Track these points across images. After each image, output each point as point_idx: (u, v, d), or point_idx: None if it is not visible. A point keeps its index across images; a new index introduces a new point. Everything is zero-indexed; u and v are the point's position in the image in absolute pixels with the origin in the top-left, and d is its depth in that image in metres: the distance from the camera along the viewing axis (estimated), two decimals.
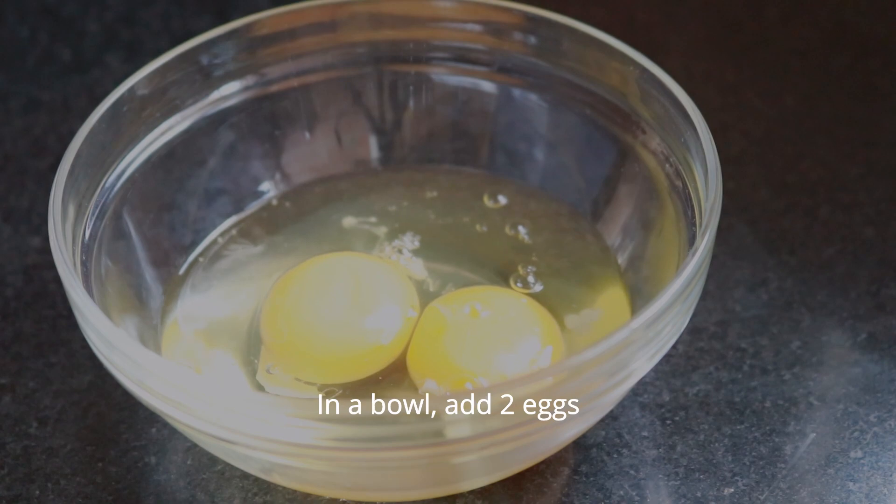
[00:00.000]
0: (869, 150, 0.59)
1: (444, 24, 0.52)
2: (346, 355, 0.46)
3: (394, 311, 0.47)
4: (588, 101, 0.51)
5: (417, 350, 0.46)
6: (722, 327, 0.51)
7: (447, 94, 0.54)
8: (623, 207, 0.51)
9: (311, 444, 0.38)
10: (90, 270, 0.45)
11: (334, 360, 0.46)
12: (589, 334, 0.48)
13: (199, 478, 0.46)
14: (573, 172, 0.53)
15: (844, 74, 0.64)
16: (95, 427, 0.48)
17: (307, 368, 0.46)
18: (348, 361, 0.46)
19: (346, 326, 0.46)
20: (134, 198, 0.49)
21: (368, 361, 0.46)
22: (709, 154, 0.43)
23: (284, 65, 0.52)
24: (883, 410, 0.48)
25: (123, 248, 0.48)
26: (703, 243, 0.40)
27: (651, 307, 0.38)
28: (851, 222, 0.56)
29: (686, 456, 0.46)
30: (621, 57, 0.48)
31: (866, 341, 0.50)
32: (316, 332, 0.46)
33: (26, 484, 0.46)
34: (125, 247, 0.48)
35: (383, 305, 0.47)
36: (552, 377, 0.37)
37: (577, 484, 0.45)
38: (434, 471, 0.41)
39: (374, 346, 0.46)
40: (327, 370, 0.46)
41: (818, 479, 0.45)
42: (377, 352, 0.46)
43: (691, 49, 0.67)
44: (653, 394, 0.48)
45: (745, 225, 0.55)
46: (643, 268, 0.49)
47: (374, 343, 0.46)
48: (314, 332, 0.46)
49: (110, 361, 0.40)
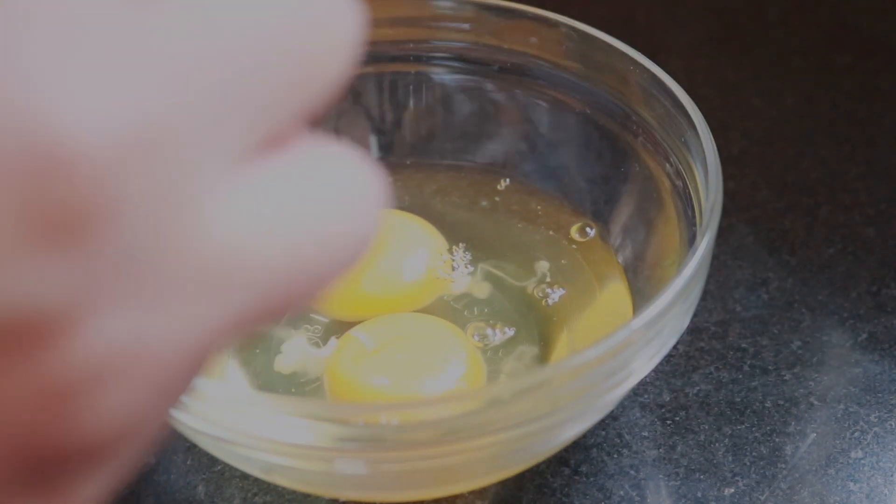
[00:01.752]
0: (869, 150, 0.59)
1: (444, 24, 0.52)
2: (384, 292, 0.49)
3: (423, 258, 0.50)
4: (588, 101, 0.51)
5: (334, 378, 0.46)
6: (722, 327, 0.51)
7: (447, 94, 0.54)
8: (623, 207, 0.50)
9: (311, 445, 0.37)
10: None
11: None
12: (589, 334, 0.47)
13: (199, 478, 0.46)
14: (573, 172, 0.53)
15: (844, 74, 0.64)
16: None
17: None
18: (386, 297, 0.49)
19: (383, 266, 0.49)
20: None
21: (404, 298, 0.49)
22: (709, 154, 0.43)
23: None
24: (883, 410, 0.48)
25: None
26: (704, 243, 0.40)
27: (651, 307, 0.38)
28: (852, 222, 0.56)
29: (686, 456, 0.46)
30: (621, 57, 0.48)
31: (867, 341, 0.50)
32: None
33: None
34: None
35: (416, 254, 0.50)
36: (552, 377, 0.37)
37: (577, 484, 0.45)
38: (434, 471, 0.40)
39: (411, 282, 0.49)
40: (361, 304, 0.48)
41: (819, 479, 0.45)
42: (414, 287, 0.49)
43: (691, 49, 0.67)
44: (653, 394, 0.48)
45: (746, 225, 0.55)
46: (643, 268, 0.49)
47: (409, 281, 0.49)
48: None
49: None
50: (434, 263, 0.50)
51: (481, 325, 0.48)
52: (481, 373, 0.46)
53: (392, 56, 0.53)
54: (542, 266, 0.50)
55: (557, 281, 0.50)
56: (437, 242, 0.51)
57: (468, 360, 0.45)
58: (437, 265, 0.50)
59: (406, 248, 0.50)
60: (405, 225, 0.51)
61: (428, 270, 0.49)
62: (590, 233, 0.51)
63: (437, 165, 0.55)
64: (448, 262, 0.50)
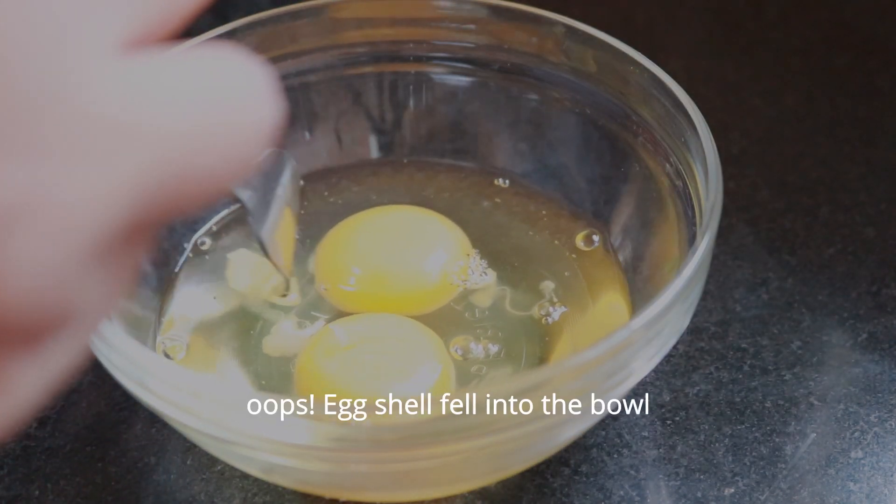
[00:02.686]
0: (869, 150, 0.59)
1: (444, 24, 0.52)
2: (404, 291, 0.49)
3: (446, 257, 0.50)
4: (588, 101, 0.51)
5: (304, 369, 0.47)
6: (722, 327, 0.51)
7: (447, 94, 0.54)
8: (623, 207, 0.50)
9: (311, 445, 0.37)
10: None
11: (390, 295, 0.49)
12: (589, 334, 0.47)
13: (198, 478, 0.46)
14: (573, 172, 0.53)
15: (844, 74, 0.64)
16: (95, 427, 0.48)
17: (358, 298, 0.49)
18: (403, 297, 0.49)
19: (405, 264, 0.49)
20: None
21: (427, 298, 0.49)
22: (709, 154, 0.43)
23: (284, 64, 0.52)
24: (883, 410, 0.48)
25: None
26: (704, 243, 0.40)
27: (651, 307, 0.38)
28: (851, 222, 0.56)
29: (686, 456, 0.46)
30: (621, 57, 0.48)
31: (867, 341, 0.50)
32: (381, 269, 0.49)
33: (26, 484, 0.46)
34: None
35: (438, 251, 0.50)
36: (552, 377, 0.37)
37: (577, 484, 0.45)
38: (434, 471, 0.40)
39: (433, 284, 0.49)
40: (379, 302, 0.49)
41: (819, 479, 0.45)
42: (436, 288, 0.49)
43: (691, 49, 0.67)
44: (653, 394, 0.48)
45: (746, 225, 0.55)
46: (643, 268, 0.49)
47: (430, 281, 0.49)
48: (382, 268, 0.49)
49: (110, 361, 0.40)
50: (450, 269, 0.50)
51: (468, 337, 0.48)
52: (449, 385, 0.46)
53: (392, 56, 0.53)
54: (547, 286, 0.50)
55: (561, 300, 0.49)
56: (458, 246, 0.51)
57: (439, 370, 0.45)
58: (454, 271, 0.50)
59: (427, 250, 0.50)
60: (430, 224, 0.51)
61: (444, 275, 0.49)
62: (595, 241, 0.51)
63: (437, 165, 0.55)
64: (464, 269, 0.50)
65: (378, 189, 0.54)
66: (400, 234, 0.50)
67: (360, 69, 0.53)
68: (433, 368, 0.45)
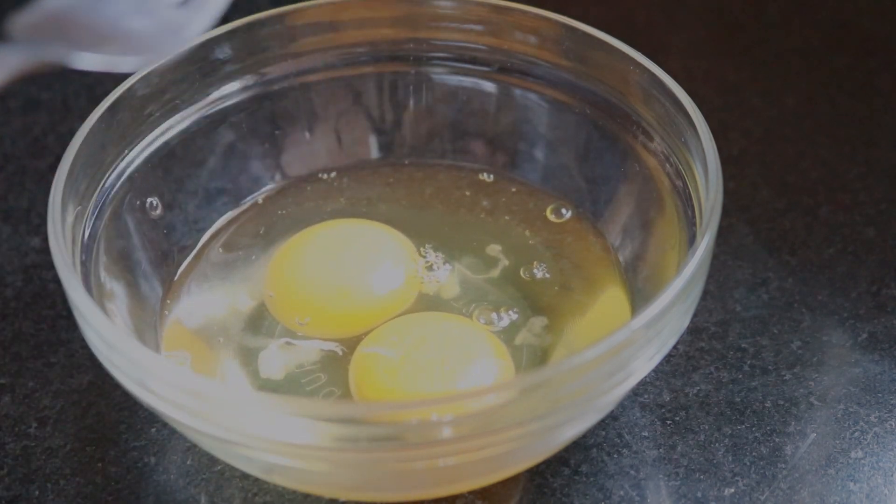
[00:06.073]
0: (869, 150, 0.59)
1: (444, 24, 0.52)
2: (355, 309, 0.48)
3: (398, 269, 0.49)
4: (588, 101, 0.51)
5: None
6: (722, 327, 0.51)
7: (447, 94, 0.54)
8: (623, 207, 0.50)
9: (311, 444, 0.37)
10: (90, 270, 0.45)
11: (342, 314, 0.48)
12: (589, 334, 0.48)
13: (199, 478, 0.46)
14: (573, 172, 0.53)
15: (844, 74, 0.64)
16: (95, 427, 0.48)
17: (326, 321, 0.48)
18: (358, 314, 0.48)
19: (358, 281, 0.49)
20: (134, 198, 0.49)
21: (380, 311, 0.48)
22: (709, 154, 0.43)
23: (284, 64, 0.52)
24: (883, 410, 0.48)
25: (123, 247, 0.48)
26: (704, 243, 0.40)
27: (651, 307, 0.38)
28: (851, 222, 0.56)
29: (686, 456, 0.46)
30: (621, 57, 0.48)
31: (867, 341, 0.50)
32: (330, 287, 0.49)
33: (26, 484, 0.46)
34: (125, 247, 0.48)
35: (387, 264, 0.49)
36: (552, 377, 0.37)
37: (577, 484, 0.45)
38: (434, 471, 0.40)
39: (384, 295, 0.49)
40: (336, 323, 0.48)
41: (819, 479, 0.45)
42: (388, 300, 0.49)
43: (691, 49, 0.67)
44: (653, 394, 0.48)
45: (746, 225, 0.55)
46: (643, 268, 0.49)
47: (383, 294, 0.49)
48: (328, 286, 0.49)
49: (110, 361, 0.40)
50: (409, 267, 0.49)
51: (487, 312, 0.48)
52: (504, 353, 0.46)
53: (392, 56, 0.53)
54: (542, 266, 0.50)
55: (558, 281, 0.49)
56: (405, 246, 0.50)
57: (491, 344, 0.46)
58: (412, 267, 0.50)
59: (378, 257, 0.50)
60: (369, 233, 0.51)
61: (406, 276, 0.49)
62: (590, 232, 0.51)
63: (437, 165, 0.55)
64: (425, 265, 0.50)
65: (378, 189, 0.54)
66: (346, 252, 0.50)
67: (360, 69, 0.53)
68: (488, 344, 0.46)
